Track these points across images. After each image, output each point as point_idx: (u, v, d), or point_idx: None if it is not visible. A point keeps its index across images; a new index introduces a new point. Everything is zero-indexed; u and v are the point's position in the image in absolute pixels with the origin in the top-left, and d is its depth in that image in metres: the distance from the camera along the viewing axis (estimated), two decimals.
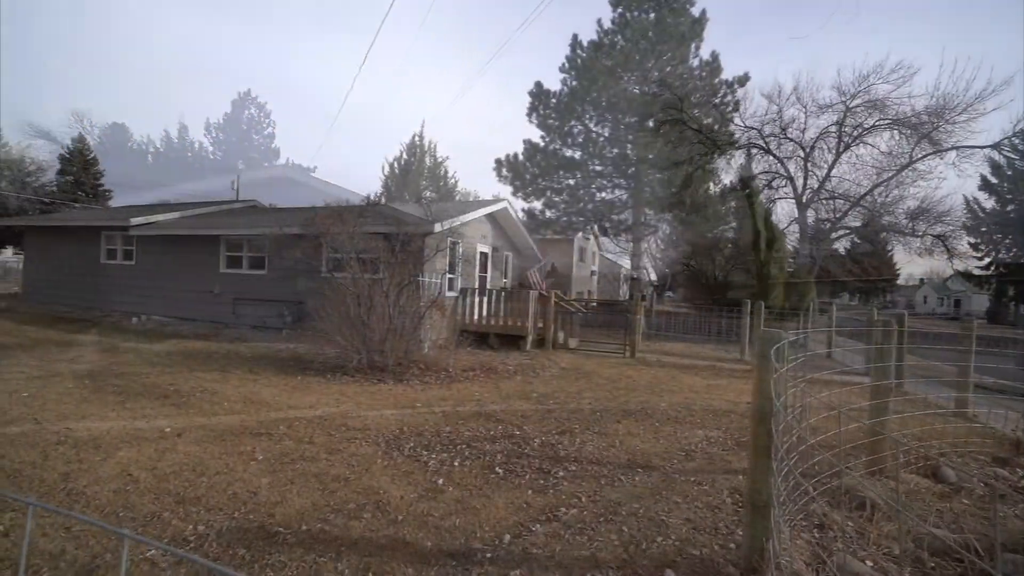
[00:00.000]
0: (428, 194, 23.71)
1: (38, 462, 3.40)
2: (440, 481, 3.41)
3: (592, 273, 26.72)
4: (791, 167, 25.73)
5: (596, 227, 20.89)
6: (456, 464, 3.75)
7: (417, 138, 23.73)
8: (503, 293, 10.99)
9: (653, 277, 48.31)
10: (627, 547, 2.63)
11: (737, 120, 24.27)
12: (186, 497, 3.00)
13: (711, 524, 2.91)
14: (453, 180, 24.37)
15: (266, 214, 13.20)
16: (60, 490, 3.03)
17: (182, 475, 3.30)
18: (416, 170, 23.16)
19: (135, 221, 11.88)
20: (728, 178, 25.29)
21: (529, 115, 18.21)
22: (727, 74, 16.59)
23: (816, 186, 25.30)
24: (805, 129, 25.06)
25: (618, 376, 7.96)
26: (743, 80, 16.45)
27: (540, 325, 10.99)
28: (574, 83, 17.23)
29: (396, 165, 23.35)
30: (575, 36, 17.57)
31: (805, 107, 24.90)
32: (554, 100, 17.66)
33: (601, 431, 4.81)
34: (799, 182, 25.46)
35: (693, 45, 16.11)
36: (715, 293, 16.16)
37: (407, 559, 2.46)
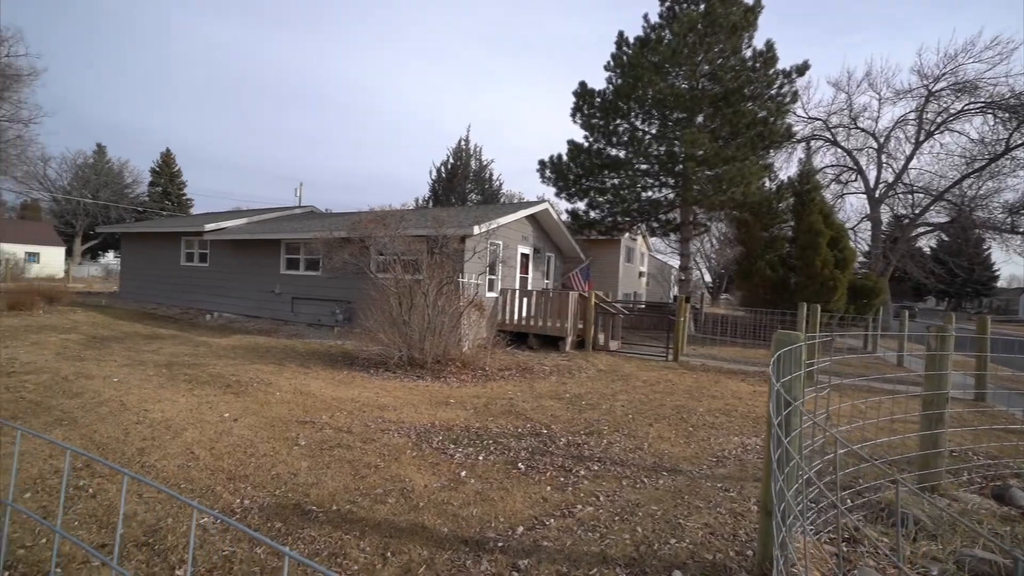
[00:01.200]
0: (473, 197, 24.23)
1: (120, 438, 3.91)
2: (463, 473, 3.56)
3: (641, 274, 26.09)
4: (862, 159, 23.79)
5: (644, 227, 20.43)
6: (480, 458, 3.88)
7: (463, 142, 24.37)
8: (543, 294, 11.05)
9: (708, 278, 46.22)
10: (638, 546, 2.63)
11: (800, 111, 22.82)
12: (236, 474, 3.34)
13: (731, 530, 2.84)
14: (498, 182, 24.75)
15: (322, 219, 14.08)
16: (136, 463, 3.48)
17: (235, 455, 3.67)
18: (462, 174, 23.73)
19: (208, 227, 13.11)
20: (786, 173, 23.79)
21: (573, 115, 18.08)
22: (785, 63, 15.66)
23: (891, 179, 23.18)
24: (878, 117, 23.07)
25: (657, 379, 7.79)
26: (802, 69, 15.40)
27: (580, 326, 10.95)
28: (619, 81, 16.93)
29: (443, 169, 24.08)
30: (621, 33, 17.27)
31: (879, 93, 22.92)
32: (598, 99, 17.44)
33: (630, 433, 4.77)
34: (871, 175, 23.47)
35: (746, 35, 15.33)
36: (770, 295, 15.26)
37: (424, 542, 2.61)
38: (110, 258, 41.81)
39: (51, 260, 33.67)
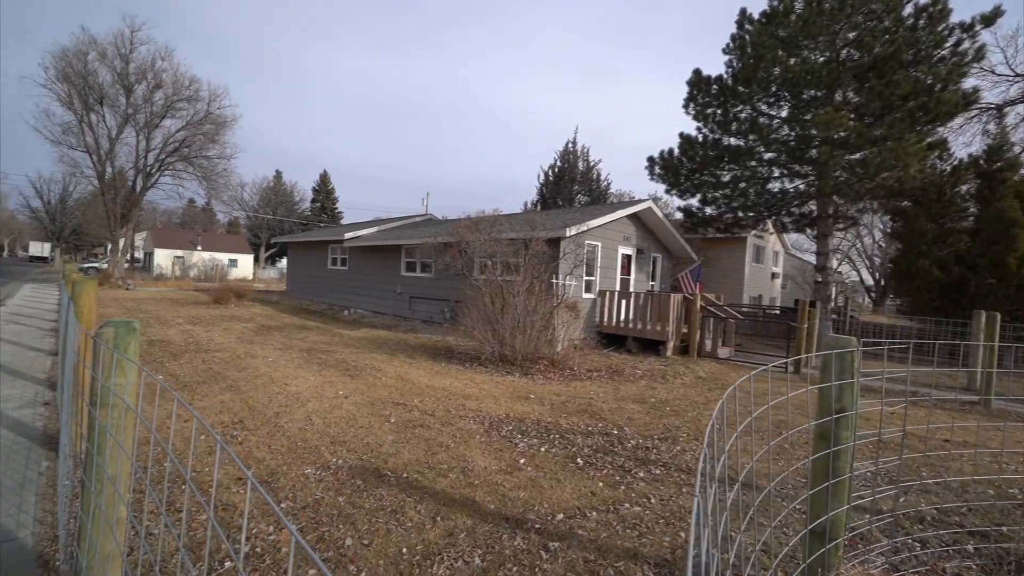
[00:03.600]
0: (580, 198, 24.19)
1: (265, 403, 4.98)
2: (522, 461, 3.78)
3: (773, 275, 23.32)
4: None
5: (773, 222, 18.27)
6: (542, 450, 4.06)
7: (570, 144, 24.50)
8: (643, 296, 10.68)
9: (869, 281, 39.01)
10: (674, 550, 2.58)
11: (1001, 68, 18.10)
12: (338, 440, 4.04)
13: (789, 552, 2.59)
14: (606, 182, 24.32)
15: (435, 225, 15.52)
16: (271, 423, 4.42)
17: (340, 425, 4.41)
18: (568, 176, 23.88)
19: (347, 236, 15.40)
20: (971, 149, 19.05)
21: (686, 106, 16.93)
22: (962, 14, 12.68)
23: None
24: None
25: (764, 392, 7.03)
26: (990, 18, 12.20)
27: (685, 331, 10.35)
28: (739, 64, 15.44)
29: (551, 172, 24.52)
30: (743, 10, 15.69)
31: None
32: (715, 86, 16.08)
33: (710, 443, 4.48)
34: None
35: None
36: (939, 300, 12.46)
37: (470, 514, 2.91)
38: (283, 263, 51.15)
39: (244, 265, 42.51)
